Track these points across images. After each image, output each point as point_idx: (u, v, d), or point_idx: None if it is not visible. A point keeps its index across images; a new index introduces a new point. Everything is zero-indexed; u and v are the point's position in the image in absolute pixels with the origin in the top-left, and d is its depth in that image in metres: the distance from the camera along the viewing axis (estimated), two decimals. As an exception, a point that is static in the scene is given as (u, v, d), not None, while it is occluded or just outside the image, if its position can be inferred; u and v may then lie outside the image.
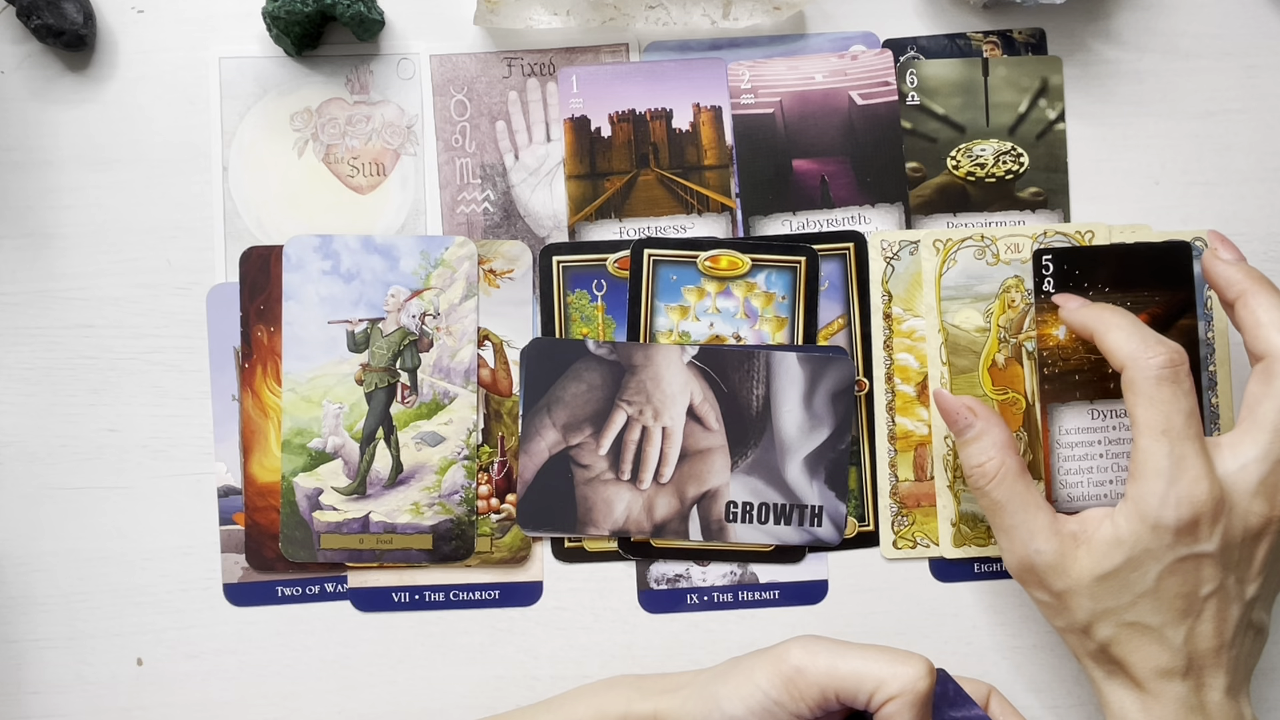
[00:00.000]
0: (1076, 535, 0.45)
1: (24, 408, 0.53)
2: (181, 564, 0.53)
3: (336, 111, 0.53)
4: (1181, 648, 0.44)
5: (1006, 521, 0.46)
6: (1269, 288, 0.45)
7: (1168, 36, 0.54)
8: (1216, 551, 0.43)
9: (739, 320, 0.53)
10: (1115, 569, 0.44)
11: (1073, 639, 0.47)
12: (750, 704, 0.45)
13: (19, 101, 0.53)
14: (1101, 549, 0.44)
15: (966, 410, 0.47)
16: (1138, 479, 0.44)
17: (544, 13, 0.52)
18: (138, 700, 0.53)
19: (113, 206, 0.53)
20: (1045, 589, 0.46)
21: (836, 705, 0.45)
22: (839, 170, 0.53)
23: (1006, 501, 0.46)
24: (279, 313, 0.52)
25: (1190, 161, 0.54)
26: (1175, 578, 0.43)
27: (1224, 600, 0.44)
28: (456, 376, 0.53)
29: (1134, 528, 0.43)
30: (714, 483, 0.52)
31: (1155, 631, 0.44)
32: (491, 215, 0.53)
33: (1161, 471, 0.43)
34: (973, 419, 0.47)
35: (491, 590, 0.53)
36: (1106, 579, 0.44)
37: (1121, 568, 0.44)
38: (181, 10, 0.53)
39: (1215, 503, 0.43)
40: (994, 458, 0.46)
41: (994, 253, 0.53)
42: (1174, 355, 0.43)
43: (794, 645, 0.46)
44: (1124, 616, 0.44)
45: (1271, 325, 0.44)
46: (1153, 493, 0.43)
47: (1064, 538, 0.45)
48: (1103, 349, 0.46)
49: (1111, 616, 0.45)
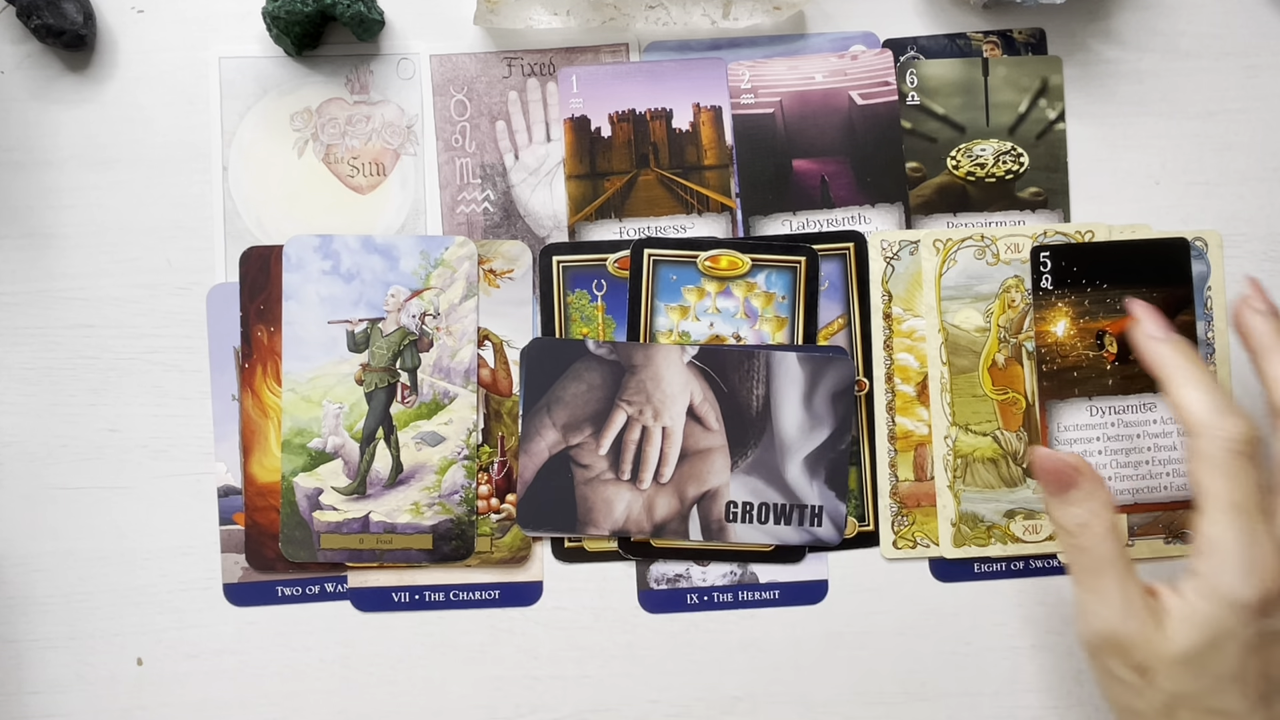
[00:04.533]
0: (1154, 609, 0.43)
1: (24, 408, 0.53)
2: (181, 564, 0.53)
3: (336, 111, 0.53)
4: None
5: (1103, 582, 0.43)
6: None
7: (1168, 36, 0.54)
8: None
9: (739, 320, 0.53)
10: (1196, 648, 0.41)
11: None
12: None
13: (19, 101, 0.53)
14: (1180, 628, 0.42)
15: (1072, 470, 0.44)
16: (1209, 555, 0.42)
17: (544, 13, 0.52)
18: (138, 700, 0.53)
19: (113, 206, 0.53)
20: (1128, 662, 0.43)
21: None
22: (839, 170, 0.53)
23: (1110, 561, 0.43)
24: (279, 313, 0.52)
25: (1190, 161, 0.54)
26: (1258, 657, 0.41)
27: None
28: (456, 376, 0.53)
29: (1211, 608, 0.41)
30: (714, 483, 0.52)
31: (1240, 718, 0.42)
32: (491, 215, 0.53)
33: (1234, 548, 0.41)
34: (1079, 479, 0.44)
35: (491, 590, 0.53)
36: (1189, 660, 0.42)
37: (1202, 648, 0.41)
38: (181, 10, 0.53)
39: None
40: (1102, 517, 0.44)
41: (994, 252, 0.53)
42: (1252, 430, 0.42)
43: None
44: (1207, 703, 0.42)
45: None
46: (1228, 569, 0.41)
47: (1150, 608, 0.43)
48: (1171, 400, 0.44)
49: (1194, 702, 0.42)
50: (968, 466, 0.53)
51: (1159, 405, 0.51)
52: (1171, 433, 0.51)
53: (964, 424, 0.53)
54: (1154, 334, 0.45)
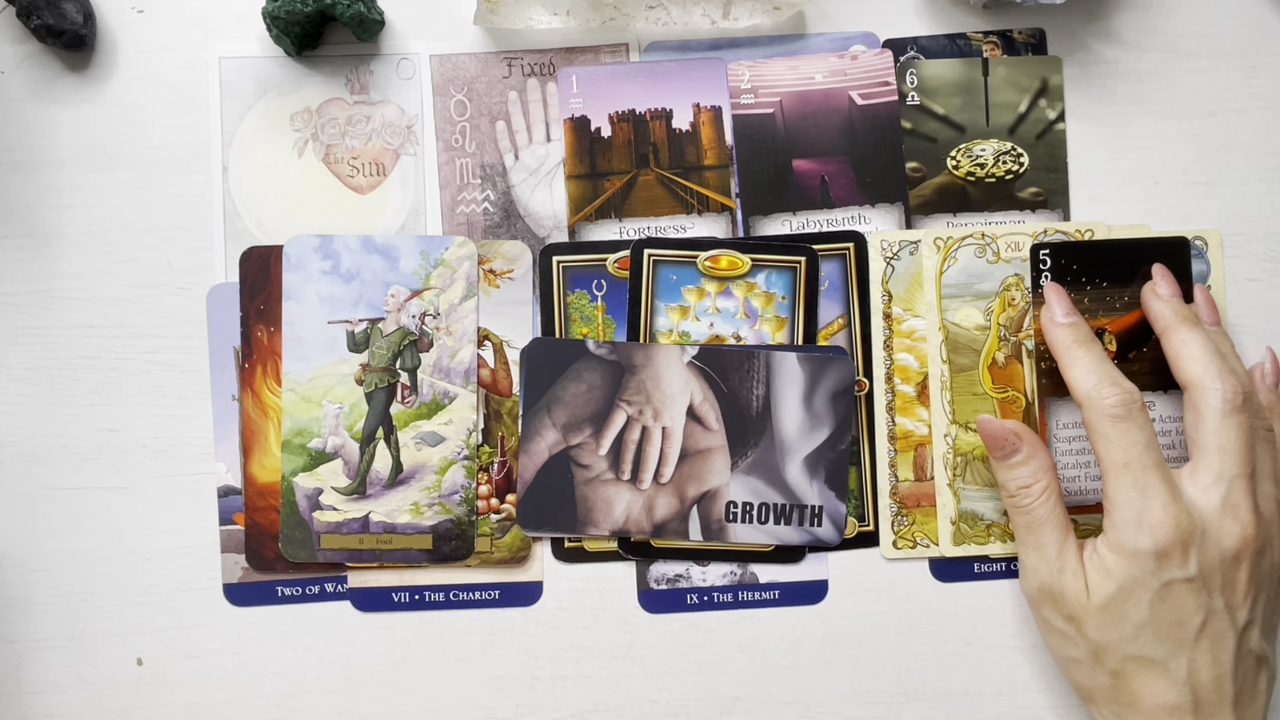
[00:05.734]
0: (1084, 565, 0.47)
1: (24, 408, 0.53)
2: (181, 564, 0.53)
3: (336, 111, 0.53)
4: (1185, 681, 0.45)
5: (1042, 539, 0.48)
6: (1192, 323, 0.48)
7: (1168, 36, 0.54)
8: (1197, 575, 0.45)
9: (739, 320, 0.53)
10: (1111, 598, 0.46)
11: (1084, 672, 0.47)
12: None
13: (19, 101, 0.53)
14: (1096, 580, 0.46)
15: (1013, 436, 0.49)
16: (1110, 512, 0.46)
17: (544, 13, 0.52)
18: (138, 700, 0.53)
19: (113, 206, 0.53)
20: (1062, 611, 0.47)
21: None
22: (839, 170, 0.53)
23: (1047, 519, 0.48)
24: (279, 313, 0.52)
25: (1190, 161, 0.54)
26: (1165, 605, 0.45)
27: (1217, 627, 0.45)
28: (456, 376, 0.53)
29: (1116, 559, 0.45)
30: (714, 483, 0.52)
31: (1160, 665, 0.45)
32: (491, 215, 0.53)
33: (1130, 503, 0.45)
34: (1019, 444, 0.48)
35: (491, 590, 0.53)
36: (1106, 608, 0.46)
37: (1115, 597, 0.46)
38: (181, 10, 0.53)
39: (1185, 525, 0.44)
40: (1041, 480, 0.48)
41: (994, 251, 0.53)
42: (1126, 395, 0.46)
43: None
44: (1128, 649, 0.46)
45: (1190, 357, 0.47)
46: (1126, 523, 0.45)
47: (1080, 564, 0.47)
48: (1065, 379, 0.48)
49: (1117, 649, 0.46)
50: (967, 465, 0.53)
51: (1157, 403, 0.51)
52: (1170, 431, 0.51)
53: (964, 422, 0.53)
54: (1059, 319, 0.49)
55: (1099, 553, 0.46)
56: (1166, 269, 0.50)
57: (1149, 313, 0.50)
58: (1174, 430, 0.51)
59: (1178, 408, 0.51)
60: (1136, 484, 0.45)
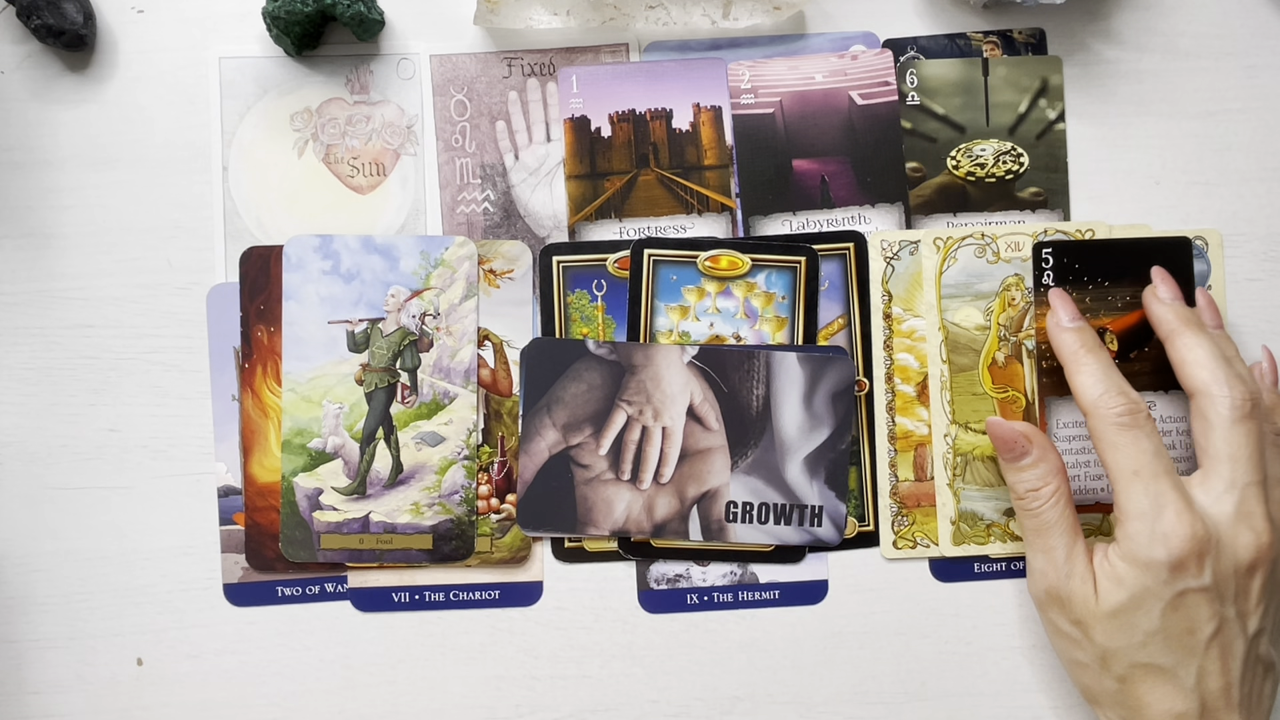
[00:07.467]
0: (1093, 570, 0.47)
1: (24, 408, 0.53)
2: (181, 564, 0.53)
3: (336, 111, 0.53)
4: (1194, 689, 0.45)
5: (1050, 542, 0.47)
6: (1196, 327, 0.48)
7: (1168, 36, 0.54)
8: (1211, 585, 0.44)
9: (739, 320, 0.53)
10: (1121, 606, 0.45)
11: (1090, 676, 0.47)
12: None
13: (19, 101, 0.53)
14: (1106, 588, 0.46)
15: (1023, 438, 0.48)
16: (1121, 521, 0.45)
17: (544, 13, 0.52)
18: (138, 700, 0.53)
19: (113, 206, 0.53)
20: (1069, 615, 0.47)
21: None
22: (839, 170, 0.53)
23: (1056, 523, 0.47)
24: (279, 313, 0.52)
25: (1190, 161, 0.54)
26: (1178, 614, 0.44)
27: (1227, 635, 0.45)
28: (456, 376, 0.53)
29: (1129, 569, 0.45)
30: (714, 483, 0.52)
31: (1168, 672, 0.45)
32: (491, 215, 0.53)
33: (1143, 512, 0.45)
34: (1030, 446, 0.48)
35: (491, 590, 0.53)
36: (1116, 615, 0.45)
37: (1126, 605, 0.45)
38: (181, 10, 0.53)
39: (1201, 535, 0.44)
40: (1051, 483, 0.47)
41: (994, 250, 0.53)
42: (1132, 404, 0.45)
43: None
44: (1136, 656, 0.45)
45: (1196, 364, 0.46)
46: (1139, 533, 0.45)
47: (1089, 569, 0.47)
48: (1070, 385, 0.48)
49: (1125, 655, 0.45)
50: (967, 464, 0.53)
51: (1158, 403, 0.51)
52: (1171, 430, 0.51)
53: (964, 422, 0.53)
54: (1065, 324, 0.49)
55: (1110, 561, 0.46)
56: (1166, 272, 0.50)
57: (1151, 317, 0.49)
58: (1174, 430, 0.51)
59: (1179, 408, 0.51)
60: (1147, 492, 0.44)
